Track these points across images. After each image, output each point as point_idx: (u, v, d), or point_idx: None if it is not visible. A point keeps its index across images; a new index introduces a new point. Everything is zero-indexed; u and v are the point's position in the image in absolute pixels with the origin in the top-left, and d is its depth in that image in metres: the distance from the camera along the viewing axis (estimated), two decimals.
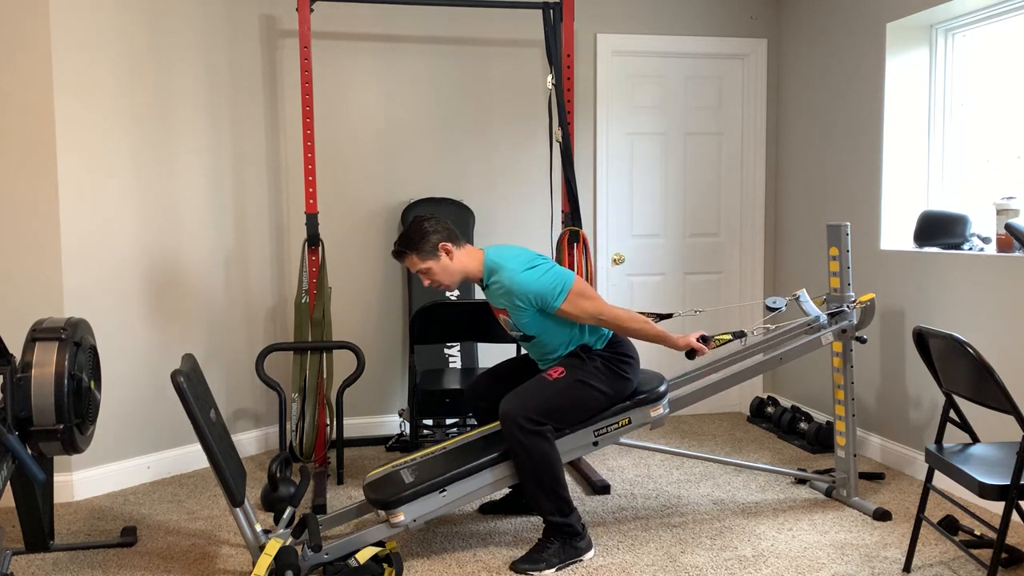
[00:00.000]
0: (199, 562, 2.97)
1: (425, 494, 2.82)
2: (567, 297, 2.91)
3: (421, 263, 2.97)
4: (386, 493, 2.82)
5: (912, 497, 3.53)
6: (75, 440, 2.64)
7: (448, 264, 2.98)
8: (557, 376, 2.95)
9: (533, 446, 2.83)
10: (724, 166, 5.02)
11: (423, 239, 2.96)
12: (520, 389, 2.93)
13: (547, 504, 2.89)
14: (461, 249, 3.01)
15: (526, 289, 2.90)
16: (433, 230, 2.97)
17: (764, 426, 4.74)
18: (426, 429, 4.33)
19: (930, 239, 3.78)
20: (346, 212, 4.51)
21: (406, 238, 2.99)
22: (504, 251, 3.05)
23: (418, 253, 2.96)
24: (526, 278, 2.91)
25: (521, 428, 2.82)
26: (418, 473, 2.90)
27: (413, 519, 2.83)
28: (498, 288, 2.96)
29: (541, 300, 2.91)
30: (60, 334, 2.64)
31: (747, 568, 2.87)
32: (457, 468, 2.88)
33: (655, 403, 3.10)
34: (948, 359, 2.67)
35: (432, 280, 3.01)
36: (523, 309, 2.94)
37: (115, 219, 3.73)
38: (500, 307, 3.03)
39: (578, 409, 2.97)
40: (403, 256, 3.00)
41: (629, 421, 3.07)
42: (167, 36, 3.88)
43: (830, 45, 4.43)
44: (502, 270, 2.95)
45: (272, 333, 4.40)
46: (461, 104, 4.63)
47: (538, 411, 2.86)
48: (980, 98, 3.81)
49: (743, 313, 5.05)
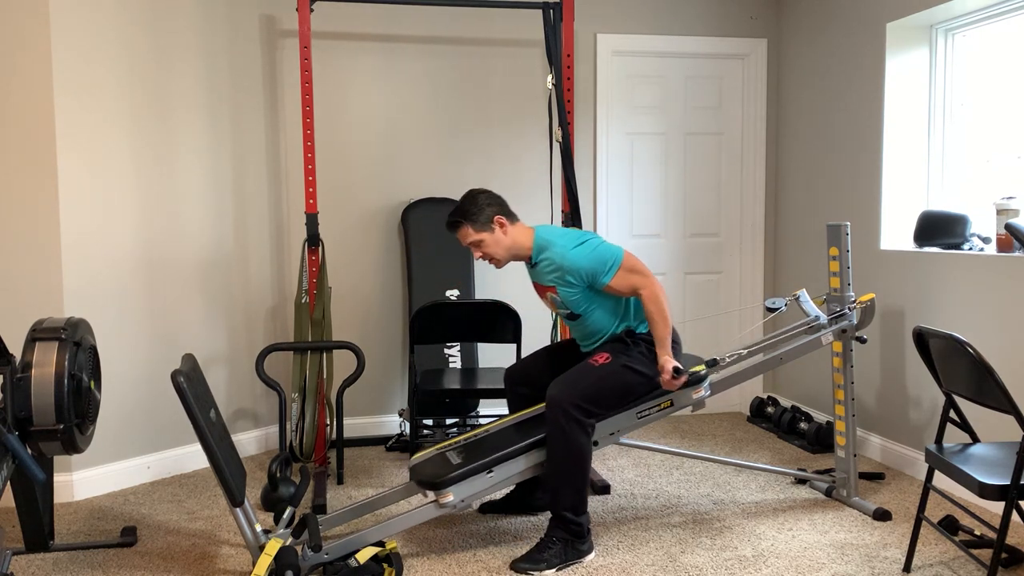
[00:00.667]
0: (199, 562, 2.97)
1: (473, 475, 2.88)
2: (617, 272, 2.93)
3: (475, 235, 3.01)
4: (435, 474, 2.88)
5: (912, 497, 3.53)
6: (75, 440, 2.64)
7: (501, 238, 3.02)
8: (603, 361, 2.96)
9: (573, 437, 2.85)
10: (724, 166, 5.02)
11: (479, 211, 3.00)
12: (567, 375, 2.95)
13: (566, 498, 2.90)
14: (514, 225, 3.06)
15: (577, 265, 2.93)
16: (488, 203, 3.02)
17: (764, 426, 4.74)
18: (426, 429, 4.33)
19: (930, 239, 3.78)
20: (346, 212, 4.51)
21: (461, 209, 3.02)
22: (554, 230, 3.11)
23: (473, 224, 3.00)
24: (577, 254, 2.95)
25: (567, 415, 2.84)
26: (464, 455, 2.95)
27: (461, 499, 2.87)
28: (548, 265, 3.00)
29: (592, 276, 2.94)
30: (60, 334, 2.64)
31: (747, 568, 2.87)
32: (502, 450, 2.93)
33: (697, 385, 3.13)
34: (948, 359, 2.67)
35: (484, 253, 3.05)
36: (574, 285, 2.97)
37: (115, 219, 3.73)
38: (548, 284, 3.05)
39: (624, 393, 3.00)
40: (457, 227, 3.04)
41: (671, 403, 3.12)
42: (167, 36, 3.88)
43: (830, 45, 4.43)
44: (552, 247, 2.99)
45: (272, 333, 4.40)
46: (461, 104, 4.63)
47: (585, 397, 2.88)
48: (980, 98, 3.81)
49: (742, 315, 5.05)
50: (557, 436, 2.86)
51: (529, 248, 3.06)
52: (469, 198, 3.04)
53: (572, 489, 2.89)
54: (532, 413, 3.14)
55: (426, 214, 4.52)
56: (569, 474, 2.88)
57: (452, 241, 4.53)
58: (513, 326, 3.80)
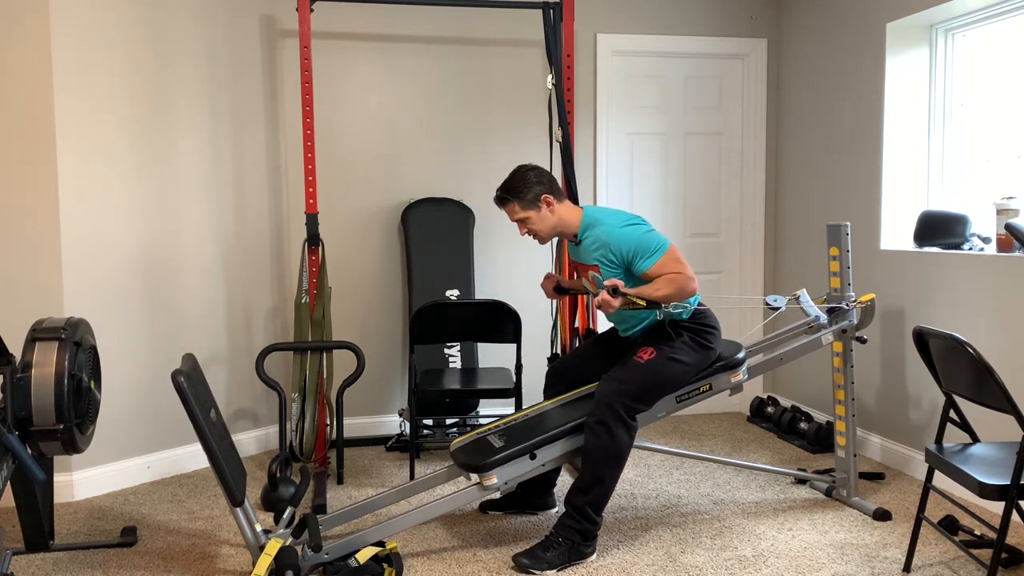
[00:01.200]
0: (199, 562, 2.97)
1: (516, 458, 2.91)
2: (658, 260, 2.92)
3: (522, 211, 3.03)
4: (479, 457, 2.91)
5: (912, 497, 3.52)
6: (75, 440, 2.64)
7: (547, 216, 3.04)
8: (648, 358, 2.97)
9: (618, 436, 2.86)
10: (724, 166, 5.02)
11: (527, 188, 3.02)
12: (616, 373, 2.97)
13: (592, 495, 2.90)
14: (561, 204, 3.07)
15: (623, 244, 2.93)
16: (537, 180, 3.03)
17: (764, 426, 4.74)
18: (426, 429, 4.33)
19: (930, 239, 3.78)
20: (346, 212, 4.51)
21: (509, 186, 3.05)
22: (604, 209, 3.14)
23: (520, 201, 3.02)
24: (625, 233, 2.96)
25: (615, 415, 2.86)
26: (506, 439, 2.98)
27: (505, 482, 2.90)
28: (593, 242, 3.01)
29: (633, 257, 2.93)
30: (60, 334, 2.64)
31: (747, 568, 2.87)
32: (544, 433, 2.95)
33: (735, 369, 3.17)
34: (948, 359, 2.67)
35: (529, 229, 3.07)
36: (615, 265, 2.97)
37: (115, 219, 3.73)
38: (591, 263, 3.05)
39: (670, 385, 3.04)
40: (505, 202, 3.06)
41: (710, 387, 3.16)
42: (167, 36, 3.88)
43: (830, 45, 4.43)
44: (601, 224, 3.00)
45: (272, 333, 4.40)
46: (461, 104, 4.63)
47: (634, 396, 2.90)
48: (980, 98, 3.81)
49: (743, 312, 5.05)
50: (602, 433, 2.86)
51: (576, 226, 3.07)
52: (518, 174, 3.06)
53: (603, 488, 2.91)
54: (573, 396, 3.18)
55: (426, 214, 4.52)
56: (603, 471, 2.89)
57: (452, 241, 4.58)
58: (513, 326, 3.80)
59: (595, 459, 2.88)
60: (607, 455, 2.87)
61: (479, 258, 4.63)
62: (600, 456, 2.87)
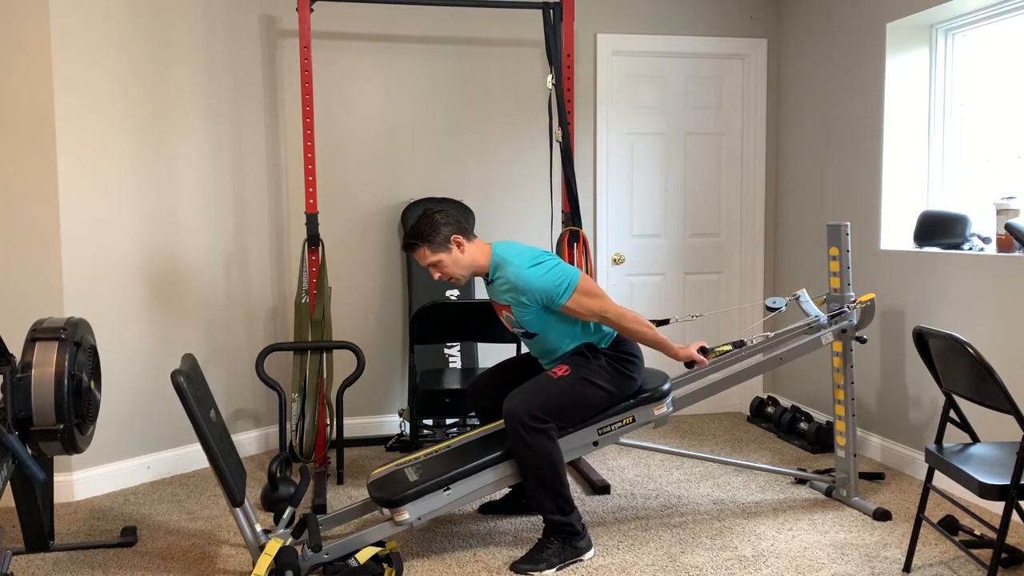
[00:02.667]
0: (199, 562, 2.97)
1: (429, 492, 2.83)
2: (572, 295, 2.90)
3: (432, 256, 2.96)
4: (390, 491, 2.83)
5: (912, 497, 3.53)
6: (75, 440, 2.64)
7: (459, 257, 2.97)
8: (561, 374, 2.94)
9: (537, 444, 2.83)
10: (724, 166, 5.02)
11: (435, 231, 2.95)
12: (524, 387, 2.93)
13: (548, 503, 2.89)
14: (471, 243, 3.01)
15: (531, 286, 2.89)
16: (444, 222, 2.96)
17: (764, 426, 4.74)
18: (426, 429, 4.33)
19: (930, 239, 3.78)
20: (346, 212, 4.51)
21: (417, 231, 2.97)
22: (510, 247, 3.04)
23: (429, 246, 2.96)
24: (531, 274, 2.90)
25: (524, 426, 2.82)
26: (422, 472, 2.90)
27: (418, 517, 2.83)
28: (503, 283, 2.96)
29: (546, 297, 2.90)
30: (60, 334, 2.64)
31: (747, 568, 2.87)
32: (461, 467, 2.88)
33: (659, 401, 3.10)
34: (948, 359, 2.66)
35: (443, 273, 3.00)
36: (527, 306, 2.93)
37: (115, 219, 3.73)
38: (504, 303, 3.02)
39: (582, 407, 2.97)
40: (414, 248, 2.99)
41: (633, 419, 3.08)
42: (168, 36, 3.88)
43: (830, 45, 4.43)
44: (508, 265, 2.94)
45: (272, 333, 4.40)
46: (461, 104, 4.63)
47: (542, 409, 2.86)
48: (980, 98, 3.81)
49: (742, 315, 5.05)
50: (520, 447, 2.85)
51: (486, 266, 3.01)
52: (425, 217, 2.99)
53: (550, 493, 2.88)
54: (496, 428, 3.08)
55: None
56: (543, 480, 2.87)
57: None
58: None
59: (527, 472, 2.88)
60: (535, 464, 2.85)
61: None
62: (529, 467, 2.86)
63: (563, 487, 2.90)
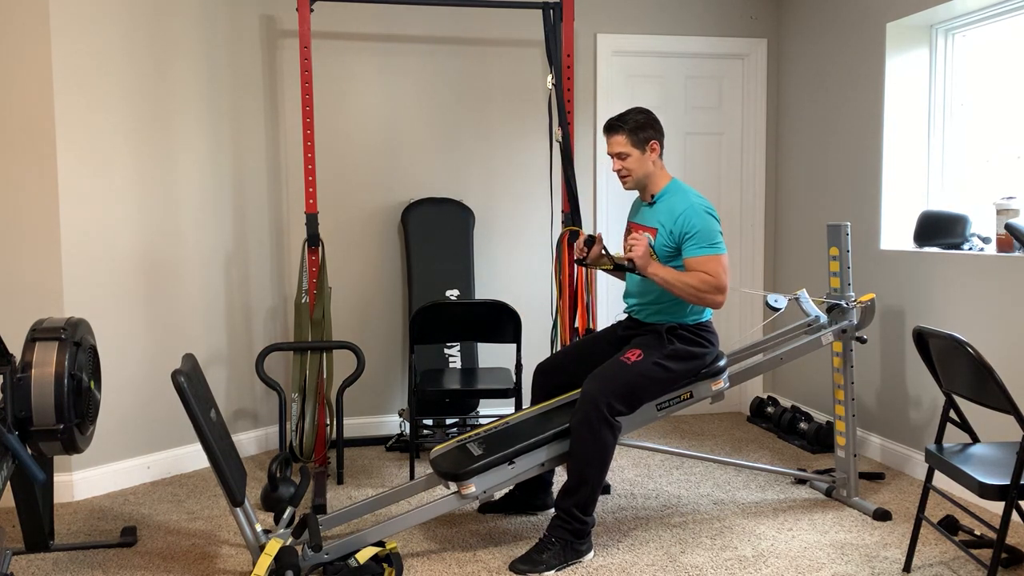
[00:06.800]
0: (199, 562, 2.97)
1: (496, 466, 2.91)
2: (708, 255, 2.95)
3: (626, 146, 3.06)
4: (457, 465, 2.91)
5: (912, 497, 3.52)
6: (75, 440, 2.64)
7: (647, 161, 3.08)
8: (635, 359, 2.98)
9: (601, 436, 2.86)
10: (724, 166, 5.02)
11: (641, 128, 3.06)
12: (601, 372, 2.97)
13: (581, 495, 2.90)
14: (661, 160, 3.12)
15: (695, 222, 2.96)
16: (652, 125, 3.09)
17: (764, 426, 4.74)
18: (426, 429, 4.33)
19: (930, 239, 3.78)
20: (346, 212, 4.51)
21: (626, 118, 3.07)
22: (692, 189, 3.14)
23: (630, 135, 3.05)
24: (702, 216, 2.98)
25: (600, 414, 2.86)
26: (485, 447, 2.98)
27: (483, 490, 2.91)
28: (667, 207, 3.04)
29: (690, 238, 2.96)
30: (60, 334, 2.64)
31: (747, 568, 2.87)
32: (524, 441, 2.95)
33: (716, 377, 3.16)
34: (948, 359, 2.67)
35: (624, 167, 3.10)
36: (670, 236, 3.00)
37: (115, 219, 3.73)
38: (652, 226, 3.08)
39: (652, 391, 3.04)
40: (614, 131, 3.08)
41: (691, 395, 3.15)
42: (167, 36, 3.88)
43: (830, 45, 4.43)
44: (687, 194, 3.05)
45: (272, 333, 4.40)
46: (461, 104, 4.63)
47: (620, 396, 2.90)
48: (980, 98, 3.81)
49: (743, 309, 5.05)
50: (586, 433, 2.86)
51: (659, 187, 3.11)
52: (639, 111, 3.09)
53: (589, 488, 2.90)
54: (555, 404, 3.17)
55: (426, 214, 4.52)
56: (590, 472, 2.89)
57: (452, 241, 4.57)
58: (513, 326, 3.79)
59: (580, 460, 2.90)
60: (591, 455, 2.88)
61: (479, 258, 4.63)
62: (585, 457, 2.88)
63: (599, 486, 2.95)
